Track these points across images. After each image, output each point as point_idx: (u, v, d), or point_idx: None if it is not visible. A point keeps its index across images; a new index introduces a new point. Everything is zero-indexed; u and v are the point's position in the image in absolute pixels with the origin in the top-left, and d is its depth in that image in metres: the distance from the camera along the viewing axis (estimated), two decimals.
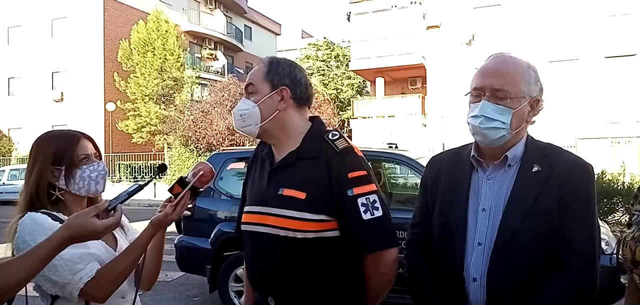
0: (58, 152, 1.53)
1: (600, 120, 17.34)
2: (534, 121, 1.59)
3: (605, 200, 8.64)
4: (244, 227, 1.67)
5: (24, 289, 1.29)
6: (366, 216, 1.49)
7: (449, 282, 1.56)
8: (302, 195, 1.51)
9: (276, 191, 1.56)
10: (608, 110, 17.27)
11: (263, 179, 1.64)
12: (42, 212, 1.48)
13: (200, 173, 1.54)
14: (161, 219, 1.50)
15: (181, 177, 1.54)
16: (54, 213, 1.51)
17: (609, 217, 8.66)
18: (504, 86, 1.50)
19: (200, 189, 1.57)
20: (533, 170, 1.52)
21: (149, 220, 1.54)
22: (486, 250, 1.50)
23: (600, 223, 5.13)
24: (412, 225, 1.74)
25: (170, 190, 1.53)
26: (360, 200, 1.50)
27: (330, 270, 1.54)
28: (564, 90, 16.63)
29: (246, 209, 1.67)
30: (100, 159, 1.62)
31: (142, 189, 1.44)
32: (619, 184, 9.34)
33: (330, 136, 1.59)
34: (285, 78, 1.61)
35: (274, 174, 1.60)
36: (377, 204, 1.51)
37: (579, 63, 17.95)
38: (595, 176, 1.55)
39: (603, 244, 4.38)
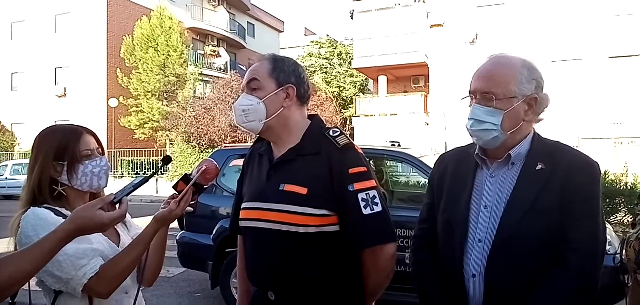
0: (60, 147, 1.52)
1: (604, 120, 17.27)
2: (542, 119, 1.59)
3: (608, 200, 8.63)
4: (243, 224, 1.68)
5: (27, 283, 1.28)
6: (366, 211, 1.52)
7: (450, 277, 1.59)
8: (303, 190, 1.53)
9: (277, 187, 1.57)
10: (612, 110, 17.20)
11: (262, 176, 1.65)
12: (45, 208, 1.48)
13: (203, 169, 1.55)
14: (165, 215, 1.51)
15: (186, 174, 1.55)
16: (57, 208, 1.51)
17: (612, 218, 8.66)
18: (491, 88, 1.52)
19: (205, 186, 1.58)
20: (537, 169, 1.53)
21: (151, 216, 1.54)
22: (486, 247, 1.52)
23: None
24: (419, 220, 1.78)
25: (174, 187, 1.54)
26: (361, 196, 1.53)
27: (330, 265, 1.56)
28: (568, 91, 16.55)
29: (245, 205, 1.68)
30: (103, 154, 1.62)
31: (147, 181, 1.45)
32: (621, 185, 9.34)
33: (331, 133, 1.61)
34: (291, 76, 1.63)
35: (274, 170, 1.62)
36: (377, 200, 1.54)
37: (582, 63, 17.87)
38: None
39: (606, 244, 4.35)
